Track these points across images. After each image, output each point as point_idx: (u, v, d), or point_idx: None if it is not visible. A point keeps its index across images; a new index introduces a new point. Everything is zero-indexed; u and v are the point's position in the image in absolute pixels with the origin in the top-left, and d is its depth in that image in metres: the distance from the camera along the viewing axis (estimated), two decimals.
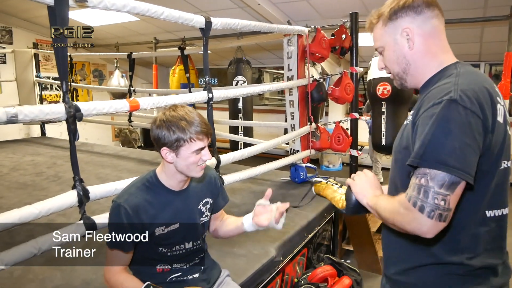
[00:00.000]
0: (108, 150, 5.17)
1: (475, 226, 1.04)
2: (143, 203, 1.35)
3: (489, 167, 1.00)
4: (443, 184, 0.92)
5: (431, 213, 0.92)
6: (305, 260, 2.66)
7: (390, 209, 1.05)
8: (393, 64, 1.15)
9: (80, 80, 7.67)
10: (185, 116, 1.31)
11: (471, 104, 0.94)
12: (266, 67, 8.07)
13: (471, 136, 0.93)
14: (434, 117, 0.95)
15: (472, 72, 1.06)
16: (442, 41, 1.11)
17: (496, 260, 1.08)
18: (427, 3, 1.08)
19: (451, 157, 0.92)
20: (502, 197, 1.07)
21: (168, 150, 1.32)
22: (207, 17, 2.13)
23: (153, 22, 5.75)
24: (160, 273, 1.44)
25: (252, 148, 2.74)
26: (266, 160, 2.98)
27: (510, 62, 3.74)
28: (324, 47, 3.29)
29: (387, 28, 1.12)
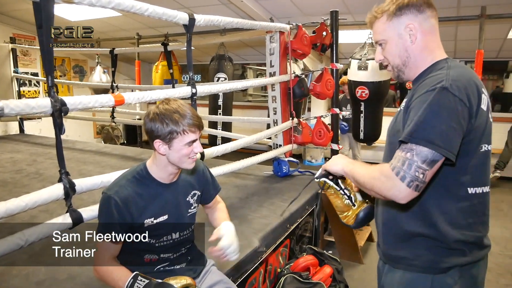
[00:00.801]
0: (90, 146, 5.13)
1: (459, 201, 1.17)
2: (133, 195, 1.38)
3: (470, 148, 1.14)
4: (425, 160, 1.05)
5: (410, 183, 1.06)
6: (288, 250, 2.73)
7: (369, 175, 1.17)
8: (394, 57, 1.25)
9: (60, 76, 7.54)
10: (178, 109, 1.35)
11: (460, 92, 1.07)
12: (250, 63, 8.11)
13: (457, 120, 1.06)
14: (427, 102, 1.07)
15: (461, 66, 1.20)
16: (437, 39, 1.24)
17: (479, 233, 1.21)
18: (428, 4, 1.20)
19: (437, 137, 1.04)
20: (483, 176, 1.20)
21: (161, 142, 1.36)
22: (190, 14, 2.16)
23: (136, 18, 5.72)
24: (148, 263, 1.48)
25: (235, 143, 2.80)
26: (248, 155, 3.03)
27: (481, 60, 3.89)
28: (305, 44, 3.36)
29: (391, 23, 1.21)
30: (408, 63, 1.23)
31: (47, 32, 1.57)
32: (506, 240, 3.84)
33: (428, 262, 1.20)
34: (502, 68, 6.29)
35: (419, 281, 1.22)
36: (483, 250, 1.25)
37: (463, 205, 1.18)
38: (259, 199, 2.91)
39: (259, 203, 2.84)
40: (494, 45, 5.36)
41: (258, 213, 2.65)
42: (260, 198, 2.92)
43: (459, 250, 1.18)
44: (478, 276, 1.25)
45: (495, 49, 5.59)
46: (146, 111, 1.43)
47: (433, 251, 1.19)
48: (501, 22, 4.49)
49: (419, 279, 1.21)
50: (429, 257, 1.20)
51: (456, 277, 1.19)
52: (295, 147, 3.60)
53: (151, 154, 1.47)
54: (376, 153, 6.83)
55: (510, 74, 6.09)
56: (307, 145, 3.75)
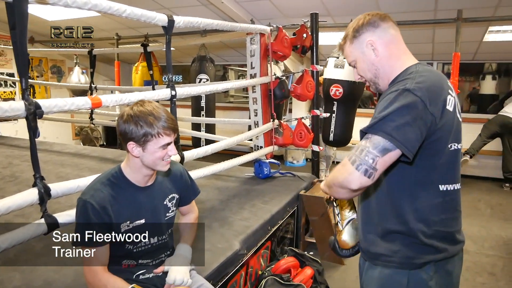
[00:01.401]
0: (69, 148, 5.02)
1: (431, 199, 1.23)
2: (109, 198, 1.36)
3: (439, 147, 1.19)
4: (377, 146, 1.11)
5: (359, 166, 1.11)
6: (269, 252, 2.73)
7: (332, 173, 1.24)
8: (366, 72, 1.34)
9: (37, 76, 7.36)
10: (152, 112, 1.34)
11: (421, 93, 1.13)
12: (231, 64, 8.09)
13: (417, 118, 1.11)
14: (390, 100, 1.15)
15: (428, 70, 1.25)
16: (401, 46, 1.32)
17: (451, 228, 1.28)
18: (381, 18, 1.30)
19: (393, 130, 1.10)
20: (453, 174, 1.27)
21: (135, 144, 1.34)
22: (169, 16, 2.14)
23: (115, 18, 5.63)
24: (127, 269, 1.46)
25: (216, 145, 2.78)
26: (230, 157, 3.02)
27: (457, 62, 3.98)
28: (285, 46, 3.38)
29: (354, 45, 1.33)
30: (378, 75, 1.31)
31: (21, 34, 1.51)
32: (483, 239, 3.93)
33: (404, 258, 1.25)
34: (478, 70, 6.44)
35: (396, 276, 1.27)
36: (457, 245, 1.31)
37: (435, 202, 1.23)
38: (240, 201, 2.90)
39: (240, 205, 2.83)
40: (470, 48, 5.49)
41: (239, 215, 2.64)
42: (241, 200, 2.92)
43: (433, 246, 1.24)
44: (453, 271, 1.31)
45: (472, 52, 5.73)
46: (121, 111, 1.40)
47: (409, 247, 1.25)
48: (476, 26, 4.60)
49: (396, 275, 1.27)
50: (405, 253, 1.25)
51: (431, 273, 1.25)
52: (276, 149, 3.61)
53: None
54: None
55: (486, 76, 6.25)
56: (288, 146, 3.76)
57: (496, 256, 3.52)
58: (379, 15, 1.31)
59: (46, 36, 7.16)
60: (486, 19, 4.20)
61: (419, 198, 1.22)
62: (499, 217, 4.58)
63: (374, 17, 1.30)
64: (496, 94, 6.32)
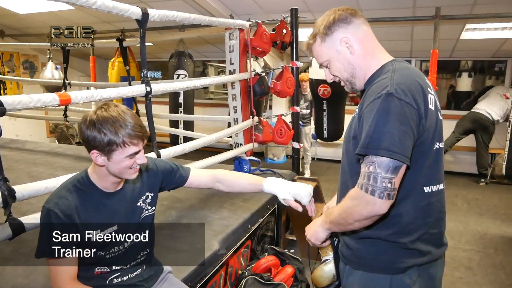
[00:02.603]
0: (42, 147, 4.85)
1: (417, 202, 1.18)
2: (75, 205, 1.26)
3: (425, 148, 1.15)
4: (388, 169, 1.06)
5: (381, 194, 1.06)
6: (249, 251, 2.69)
7: (344, 210, 1.17)
8: (341, 72, 1.28)
9: (8, 72, 7.09)
10: (118, 118, 1.22)
11: (405, 96, 1.08)
12: (211, 60, 8.00)
13: (407, 123, 1.07)
14: (375, 110, 1.09)
15: (406, 67, 1.20)
16: (375, 42, 1.27)
17: (436, 230, 1.24)
18: (352, 14, 1.24)
19: (391, 144, 1.05)
20: (437, 174, 1.22)
21: (99, 153, 1.23)
22: (143, 9, 2.06)
23: (89, 12, 5.46)
24: (99, 275, 1.37)
25: (194, 142, 2.72)
26: (209, 154, 2.97)
27: (435, 59, 4.02)
28: (265, 42, 3.33)
29: (327, 43, 1.25)
30: (355, 74, 1.26)
31: None
32: (460, 233, 4.00)
33: (386, 263, 1.21)
34: (455, 67, 6.56)
35: (378, 281, 1.22)
36: (441, 248, 1.27)
37: (421, 204, 1.19)
38: (220, 200, 2.85)
39: (219, 204, 2.78)
40: (448, 45, 5.58)
41: (218, 214, 2.59)
42: (221, 199, 2.86)
43: (417, 250, 1.20)
44: (436, 274, 1.28)
45: (449, 49, 5.82)
46: (84, 115, 1.27)
47: (392, 251, 1.20)
48: (454, 23, 4.67)
49: (378, 279, 1.22)
50: (387, 258, 1.21)
51: (415, 277, 1.21)
52: (256, 146, 3.56)
53: None
54: (337, 151, 6.94)
55: (462, 73, 6.36)
56: (268, 143, 3.73)
57: (472, 251, 3.59)
58: (350, 10, 1.25)
59: (17, 30, 6.91)
60: (463, 17, 4.26)
61: (405, 202, 1.18)
62: (475, 212, 4.68)
63: (345, 12, 1.24)
64: (472, 91, 6.46)
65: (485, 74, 6.54)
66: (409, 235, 1.19)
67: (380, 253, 1.22)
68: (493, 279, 3.09)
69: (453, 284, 3.00)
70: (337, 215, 1.21)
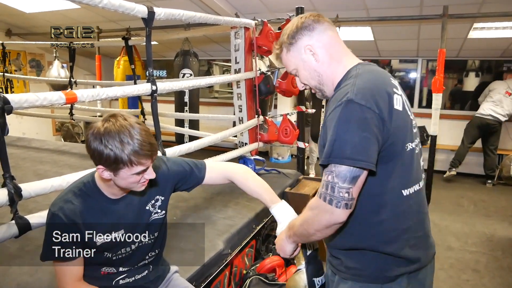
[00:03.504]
0: (48, 145, 4.87)
1: (395, 206, 1.16)
2: (80, 210, 1.24)
3: (396, 150, 1.13)
4: (345, 179, 1.05)
5: (338, 203, 1.06)
6: (254, 251, 2.68)
7: (305, 220, 1.18)
8: (309, 80, 1.27)
9: (15, 70, 7.13)
10: (125, 134, 1.13)
11: (366, 101, 1.06)
12: (216, 59, 7.99)
13: (369, 129, 1.05)
14: (336, 118, 1.08)
15: (369, 70, 1.19)
16: (342, 47, 1.25)
17: (420, 232, 1.22)
18: (315, 20, 1.22)
19: (353, 151, 1.04)
20: (413, 175, 1.19)
21: (105, 168, 1.17)
22: (149, 7, 2.05)
23: (95, 11, 5.48)
24: (105, 276, 1.36)
25: (199, 141, 2.71)
26: (214, 153, 2.97)
27: (443, 58, 3.99)
28: (271, 41, 3.31)
29: (292, 52, 1.25)
30: (323, 81, 1.25)
31: None
32: (466, 235, 3.97)
33: (376, 272, 1.19)
34: (462, 67, 6.50)
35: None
36: (429, 251, 1.26)
37: (400, 209, 1.17)
38: (224, 199, 2.84)
39: (224, 203, 2.77)
40: (455, 45, 5.52)
41: (223, 213, 2.58)
42: (225, 198, 2.86)
43: (405, 258, 1.18)
44: (426, 280, 1.26)
45: (456, 48, 5.77)
46: (90, 125, 1.18)
47: (380, 261, 1.19)
48: (462, 22, 4.63)
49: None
50: (376, 267, 1.19)
51: (404, 285, 1.19)
52: (261, 145, 3.55)
53: None
54: None
55: (469, 73, 6.31)
56: (273, 143, 3.71)
57: (479, 253, 3.56)
58: (313, 16, 1.23)
59: (24, 29, 6.94)
60: (471, 16, 4.21)
61: (384, 209, 1.16)
62: (482, 214, 4.64)
63: (308, 19, 1.23)
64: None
65: (492, 74, 6.48)
66: (394, 242, 1.17)
67: (368, 262, 1.20)
68: (500, 282, 3.06)
69: (459, 286, 2.98)
70: (299, 226, 1.21)
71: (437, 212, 4.63)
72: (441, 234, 4.01)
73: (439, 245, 3.65)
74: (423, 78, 6.75)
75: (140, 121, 1.19)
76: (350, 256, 1.23)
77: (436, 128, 4.19)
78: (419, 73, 6.71)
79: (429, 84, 6.68)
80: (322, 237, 1.18)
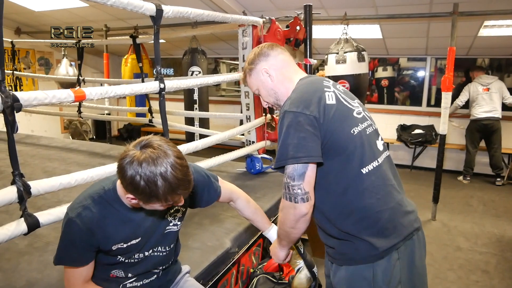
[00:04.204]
0: (56, 142, 4.91)
1: (358, 184, 1.29)
2: (98, 218, 1.21)
3: (343, 136, 1.28)
4: (294, 176, 1.24)
5: (296, 199, 1.25)
6: (261, 250, 2.67)
7: (281, 222, 1.36)
8: (268, 97, 1.50)
9: (24, 68, 7.20)
10: (164, 172, 1.05)
11: (297, 107, 1.27)
12: (223, 57, 7.99)
13: (304, 129, 1.24)
14: (279, 127, 1.30)
15: (304, 83, 1.41)
16: (293, 67, 1.50)
17: (390, 203, 1.32)
18: (269, 47, 1.49)
19: (295, 151, 1.23)
20: (368, 153, 1.32)
21: (135, 198, 1.13)
22: (157, 5, 2.05)
23: (103, 9, 5.50)
24: (113, 279, 1.35)
25: (207, 140, 2.71)
26: (221, 152, 2.96)
27: (453, 57, 3.93)
28: (278, 39, 3.30)
29: (253, 75, 1.49)
30: (278, 97, 1.47)
31: None
32: (476, 236, 3.92)
33: (364, 252, 1.30)
34: (471, 65, 6.42)
35: (361, 271, 1.31)
36: (408, 217, 1.35)
37: (364, 186, 1.29)
38: None
39: None
40: (465, 43, 5.46)
41: (230, 212, 2.58)
42: None
43: (387, 230, 1.29)
44: (415, 253, 1.35)
45: (466, 47, 5.70)
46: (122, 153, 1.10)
47: (366, 242, 1.29)
48: (472, 20, 4.57)
49: (361, 270, 1.32)
50: (364, 248, 1.30)
51: (394, 259, 1.30)
52: (268, 144, 3.54)
53: (120, 151, 1.23)
54: None
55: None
56: None
57: (489, 254, 3.52)
58: (267, 45, 1.49)
59: (33, 27, 7.00)
60: (482, 13, 4.15)
61: (349, 188, 1.29)
62: (492, 214, 4.59)
63: (264, 48, 1.48)
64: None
65: (502, 72, 6.39)
66: (369, 218, 1.29)
67: (357, 245, 1.31)
68: (510, 283, 3.02)
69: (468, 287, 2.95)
70: (279, 229, 1.40)
71: (446, 212, 4.59)
72: (450, 234, 3.98)
73: (448, 246, 3.63)
74: (432, 76, 6.68)
75: (178, 150, 1.13)
76: (341, 243, 1.36)
77: (445, 127, 4.14)
78: (427, 71, 6.65)
79: (437, 83, 6.61)
80: (299, 232, 1.35)
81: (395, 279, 1.30)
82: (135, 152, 1.07)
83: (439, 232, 4.02)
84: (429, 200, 4.44)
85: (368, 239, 1.28)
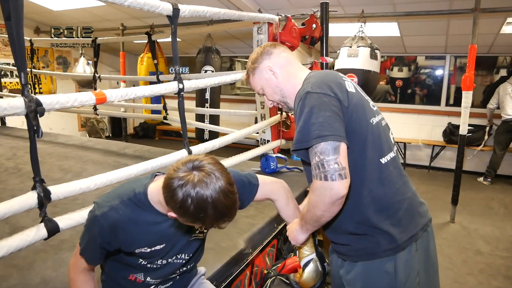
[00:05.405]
0: (73, 140, 4.97)
1: (378, 174, 1.28)
2: (125, 220, 1.18)
3: (361, 125, 1.27)
4: (328, 152, 1.14)
5: (333, 176, 1.14)
6: (275, 251, 2.65)
7: (311, 204, 1.24)
8: (273, 95, 1.46)
9: (43, 67, 7.31)
10: (217, 206, 1.03)
11: (321, 89, 1.23)
12: (238, 56, 7.98)
13: (329, 109, 1.19)
14: (299, 108, 1.24)
15: (321, 72, 1.41)
16: (296, 64, 1.47)
17: (407, 193, 1.34)
18: (272, 46, 1.48)
19: (322, 130, 1.16)
20: (384, 144, 1.32)
21: (178, 218, 1.09)
22: (174, 4, 2.04)
23: (120, 8, 5.54)
24: (131, 281, 1.33)
25: (224, 139, 2.69)
26: (236, 150, 2.95)
27: (474, 55, 3.83)
28: (294, 36, 3.26)
29: (256, 74, 1.47)
30: (284, 94, 1.44)
31: (17, 25, 1.35)
32: (497, 239, 3.82)
33: (386, 245, 1.28)
34: (492, 63, 6.26)
35: (383, 265, 1.28)
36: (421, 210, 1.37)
37: (384, 176, 1.28)
38: None
39: None
40: (486, 40, 5.32)
41: (244, 212, 2.56)
42: None
43: (406, 218, 1.29)
44: (430, 243, 1.37)
45: (487, 44, 5.55)
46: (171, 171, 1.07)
47: (386, 233, 1.27)
48: (494, 16, 4.44)
49: (383, 263, 1.28)
50: (385, 240, 1.27)
51: (414, 250, 1.29)
52: (283, 143, 3.51)
53: (135, 149, 1.26)
54: None
55: (500, 69, 6.07)
56: None
57: (511, 258, 3.41)
58: (270, 44, 1.49)
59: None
60: (505, 9, 4.02)
61: (369, 178, 1.27)
62: None
63: (266, 47, 1.47)
64: None
65: None
66: (390, 208, 1.28)
67: (377, 239, 1.28)
68: None
69: None
70: (307, 212, 1.29)
71: (465, 214, 4.48)
72: (470, 237, 3.88)
73: (467, 249, 3.54)
74: (451, 75, 6.54)
75: (228, 174, 1.10)
76: (358, 239, 1.32)
77: (466, 127, 4.04)
78: (446, 70, 6.51)
79: (457, 82, 6.46)
80: (330, 216, 1.23)
81: (414, 271, 1.30)
82: (187, 175, 1.03)
83: (458, 235, 3.92)
84: (447, 202, 4.34)
85: (389, 230, 1.27)
